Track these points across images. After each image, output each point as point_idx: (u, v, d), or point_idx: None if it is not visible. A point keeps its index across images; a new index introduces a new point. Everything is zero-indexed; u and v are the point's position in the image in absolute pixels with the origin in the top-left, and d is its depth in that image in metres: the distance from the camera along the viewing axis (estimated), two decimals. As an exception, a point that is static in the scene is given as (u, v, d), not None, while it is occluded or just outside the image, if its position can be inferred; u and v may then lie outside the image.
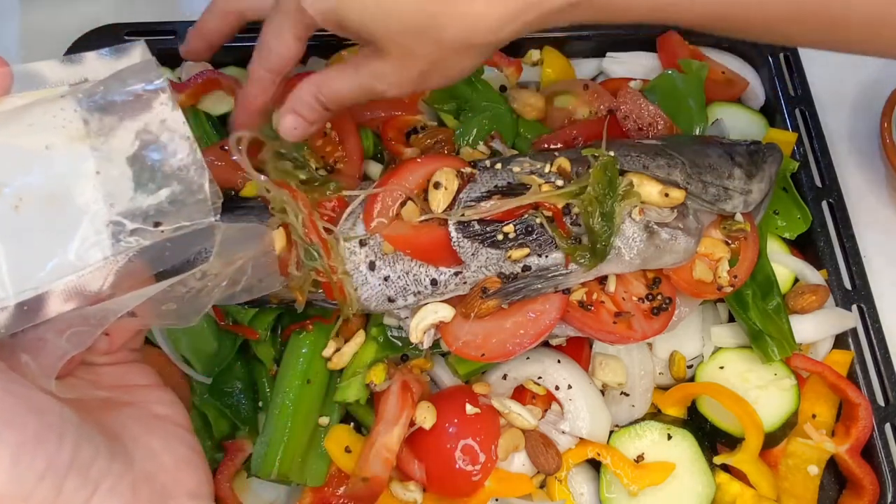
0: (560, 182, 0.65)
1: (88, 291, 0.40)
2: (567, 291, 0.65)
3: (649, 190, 0.65)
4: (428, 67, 0.54)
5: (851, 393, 0.73)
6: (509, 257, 0.64)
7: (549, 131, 0.82)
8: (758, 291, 0.74)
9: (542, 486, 0.71)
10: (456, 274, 0.65)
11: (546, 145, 0.79)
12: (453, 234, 0.64)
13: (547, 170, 0.67)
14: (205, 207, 0.44)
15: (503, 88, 0.86)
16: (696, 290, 0.68)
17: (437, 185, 0.65)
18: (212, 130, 0.84)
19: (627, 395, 0.73)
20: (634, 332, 0.65)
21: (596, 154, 0.66)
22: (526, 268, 0.64)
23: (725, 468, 0.71)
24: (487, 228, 0.64)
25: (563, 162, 0.66)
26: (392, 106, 0.84)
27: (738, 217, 0.70)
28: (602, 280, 0.67)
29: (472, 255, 0.64)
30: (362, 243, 0.66)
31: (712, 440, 0.73)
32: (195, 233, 0.44)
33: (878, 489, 0.71)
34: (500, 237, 0.64)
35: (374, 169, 0.81)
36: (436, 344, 0.68)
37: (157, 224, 0.43)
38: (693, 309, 0.71)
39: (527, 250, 0.64)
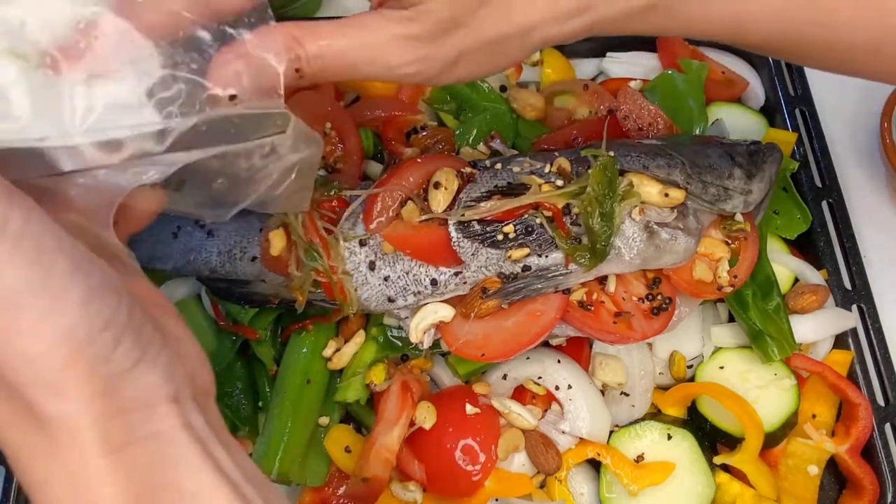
0: (560, 182, 0.65)
1: (156, 147, 0.39)
2: (567, 291, 0.65)
3: (649, 190, 0.65)
4: (472, 47, 0.47)
5: (851, 393, 0.73)
6: (509, 257, 0.64)
7: (549, 131, 0.82)
8: (758, 291, 0.74)
9: (542, 486, 0.71)
10: (456, 274, 0.65)
11: (546, 145, 0.79)
12: (453, 234, 0.64)
13: (547, 170, 0.67)
14: (278, 97, 0.43)
15: (503, 88, 0.86)
16: (696, 290, 0.68)
17: (436, 185, 0.65)
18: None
19: (627, 395, 0.73)
20: (634, 332, 0.65)
21: (595, 154, 0.66)
22: (526, 268, 0.64)
23: (725, 468, 0.71)
24: (487, 228, 0.64)
25: (563, 162, 0.66)
26: (392, 106, 0.84)
27: (738, 217, 0.70)
28: (602, 280, 0.67)
29: (472, 255, 0.64)
30: (362, 243, 0.66)
31: (712, 440, 0.73)
32: (263, 117, 0.43)
33: (878, 489, 0.71)
34: (500, 237, 0.64)
35: (374, 169, 0.81)
36: (436, 344, 0.68)
37: (232, 97, 0.42)
38: (693, 309, 0.71)
39: (527, 250, 0.64)
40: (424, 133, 0.81)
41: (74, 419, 0.32)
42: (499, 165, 0.68)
